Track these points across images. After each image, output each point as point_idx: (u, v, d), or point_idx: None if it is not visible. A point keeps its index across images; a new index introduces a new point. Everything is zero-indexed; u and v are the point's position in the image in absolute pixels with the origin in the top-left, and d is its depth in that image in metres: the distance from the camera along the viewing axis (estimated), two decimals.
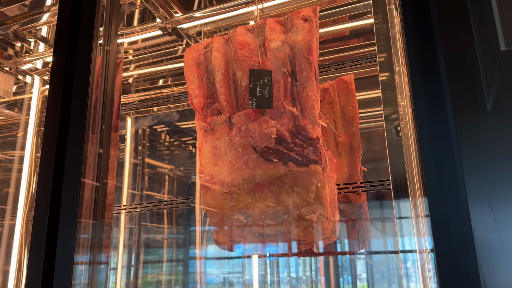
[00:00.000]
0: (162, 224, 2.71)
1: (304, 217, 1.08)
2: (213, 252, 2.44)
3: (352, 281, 2.07)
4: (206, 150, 1.19)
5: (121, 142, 2.54)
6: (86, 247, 1.10)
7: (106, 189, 1.21)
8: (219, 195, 1.17)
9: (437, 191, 0.79)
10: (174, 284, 2.58)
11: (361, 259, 2.04)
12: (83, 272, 1.06)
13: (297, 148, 1.09)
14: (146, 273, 2.52)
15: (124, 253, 2.27)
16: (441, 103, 0.83)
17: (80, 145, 1.15)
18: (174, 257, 2.65)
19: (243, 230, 1.15)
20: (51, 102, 1.21)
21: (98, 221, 1.16)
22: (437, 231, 0.76)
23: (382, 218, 1.98)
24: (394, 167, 1.06)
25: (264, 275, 1.84)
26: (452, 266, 0.73)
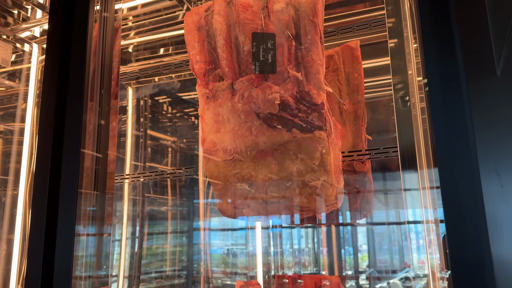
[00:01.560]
0: (166, 195, 2.72)
1: (308, 183, 1.06)
2: (217, 224, 2.46)
3: (353, 252, 2.09)
4: (208, 117, 1.17)
5: (122, 114, 2.51)
6: (88, 217, 1.09)
7: (107, 157, 1.20)
8: (222, 162, 1.16)
9: (448, 158, 0.76)
10: (179, 255, 2.62)
11: (365, 226, 2.04)
12: (85, 243, 1.06)
13: (301, 114, 1.07)
14: (151, 244, 2.55)
15: (128, 225, 2.28)
16: (454, 68, 0.79)
17: (79, 113, 1.12)
18: (178, 228, 2.68)
19: (247, 197, 1.13)
20: (48, 69, 1.18)
21: (100, 190, 1.15)
22: (447, 199, 0.74)
23: (386, 190, 1.97)
24: (402, 136, 1.04)
25: (267, 247, 1.85)
26: (462, 236, 0.71)
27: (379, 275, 2.05)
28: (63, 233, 1.01)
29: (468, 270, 0.69)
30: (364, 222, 2.13)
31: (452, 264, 0.69)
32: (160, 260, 2.57)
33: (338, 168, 1.13)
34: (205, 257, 2.09)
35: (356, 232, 2.12)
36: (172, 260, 2.59)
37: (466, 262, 0.69)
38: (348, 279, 1.99)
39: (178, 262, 2.61)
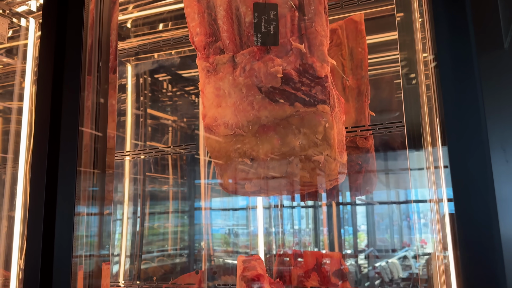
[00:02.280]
0: (167, 174, 2.71)
1: (311, 158, 1.04)
2: (218, 204, 2.45)
3: (352, 232, 2.09)
4: (209, 91, 1.14)
5: (122, 92, 2.48)
6: (88, 194, 1.08)
7: (106, 133, 1.18)
8: (223, 137, 1.14)
9: (457, 132, 0.74)
10: (181, 235, 2.62)
11: (365, 205, 2.04)
12: (86, 221, 1.05)
13: (305, 87, 1.04)
14: (152, 223, 2.56)
15: (130, 205, 2.28)
16: (465, 41, 0.76)
17: (77, 88, 1.10)
18: (180, 208, 2.68)
19: (248, 172, 1.12)
20: (44, 43, 1.15)
21: (100, 166, 1.14)
22: (456, 175, 0.72)
23: (387, 170, 1.95)
24: (409, 113, 1.01)
25: (268, 227, 1.85)
26: (471, 214, 0.69)
27: (378, 254, 2.06)
28: (63, 211, 1.00)
29: (476, 248, 0.67)
30: (366, 199, 2.12)
31: (461, 242, 0.68)
32: (161, 239, 2.58)
33: (342, 142, 1.11)
34: (206, 237, 2.09)
35: (356, 211, 2.12)
36: (173, 239, 2.61)
37: (474, 240, 0.67)
38: (348, 258, 2.00)
39: (179, 241, 2.62)
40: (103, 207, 1.13)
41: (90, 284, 1.02)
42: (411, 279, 2.02)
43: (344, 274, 1.47)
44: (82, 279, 1.01)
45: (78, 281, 0.99)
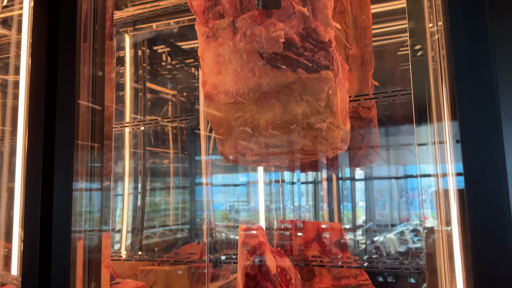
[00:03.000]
0: (168, 149, 2.70)
1: (314, 126, 1.02)
2: (219, 180, 2.45)
3: (351, 208, 2.10)
4: (209, 58, 1.11)
5: (120, 65, 2.44)
6: (86, 164, 1.06)
7: (103, 100, 1.15)
8: (223, 105, 1.11)
9: (470, 103, 0.71)
10: (182, 210, 2.63)
11: (364, 181, 2.03)
12: (84, 193, 1.04)
13: (307, 53, 1.01)
14: (153, 198, 2.56)
15: (130, 180, 2.27)
16: (478, 6, 0.73)
17: (72, 55, 1.06)
18: (181, 183, 2.67)
19: (250, 141, 1.10)
20: (37, 9, 1.10)
21: (98, 136, 1.11)
22: (466, 148, 0.69)
23: (388, 146, 1.93)
24: (416, 86, 0.97)
25: (269, 204, 1.85)
26: (482, 189, 0.67)
27: (377, 228, 2.06)
28: (61, 183, 0.98)
29: (487, 222, 0.65)
30: (366, 175, 2.11)
31: (471, 217, 0.66)
32: (163, 215, 2.59)
33: (345, 110, 1.08)
34: (207, 212, 2.09)
35: (355, 187, 2.11)
36: (175, 214, 2.61)
37: (485, 215, 0.65)
38: (347, 232, 2.00)
39: (181, 217, 2.63)
40: (102, 177, 1.12)
41: (90, 254, 1.02)
42: (409, 253, 2.04)
43: (344, 245, 1.48)
44: (82, 248, 1.00)
45: (78, 251, 0.99)
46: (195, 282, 1.55)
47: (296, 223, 1.46)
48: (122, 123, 1.54)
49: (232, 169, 2.41)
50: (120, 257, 1.63)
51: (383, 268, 1.55)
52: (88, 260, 1.00)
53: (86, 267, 0.99)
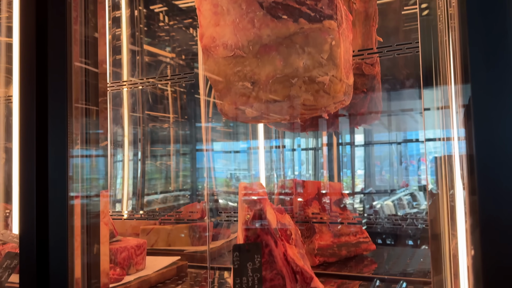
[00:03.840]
0: (167, 113, 2.66)
1: (316, 79, 0.99)
2: (220, 146, 2.42)
3: (351, 174, 2.09)
4: (206, 8, 1.06)
5: (116, 27, 2.37)
6: (81, 122, 1.03)
7: (96, 55, 1.11)
8: (222, 59, 1.07)
9: (483, 66, 0.66)
10: (182, 177, 2.62)
11: (363, 146, 2.01)
12: (80, 152, 1.01)
13: (310, 1, 0.96)
14: (153, 164, 2.54)
15: (130, 145, 2.25)
16: None
17: (63, 11, 1.01)
18: (181, 149, 2.66)
19: (249, 97, 1.07)
20: None
21: (92, 94, 1.08)
22: (478, 112, 0.65)
23: (390, 112, 1.90)
24: (424, 46, 0.92)
25: (269, 171, 1.83)
26: (493, 155, 0.64)
27: (377, 194, 2.06)
28: (55, 143, 0.95)
29: (497, 191, 0.62)
30: (366, 140, 2.09)
31: (481, 184, 0.63)
32: (163, 181, 2.58)
33: (348, 62, 1.05)
34: (208, 174, 2.08)
35: (354, 156, 2.09)
36: (175, 179, 2.61)
37: (495, 183, 0.62)
38: (346, 203, 2.00)
39: (182, 182, 2.63)
40: (98, 136, 1.09)
41: (88, 211, 1.01)
42: (408, 216, 2.05)
43: (345, 204, 1.47)
44: (80, 206, 0.99)
45: (75, 209, 0.98)
46: (196, 240, 1.56)
47: (296, 182, 1.45)
48: (119, 81, 1.50)
49: (232, 136, 2.39)
50: (121, 216, 1.64)
51: (383, 225, 1.56)
52: (86, 217, 0.99)
53: (85, 224, 0.98)
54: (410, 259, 1.47)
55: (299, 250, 1.04)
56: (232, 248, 0.92)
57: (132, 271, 1.20)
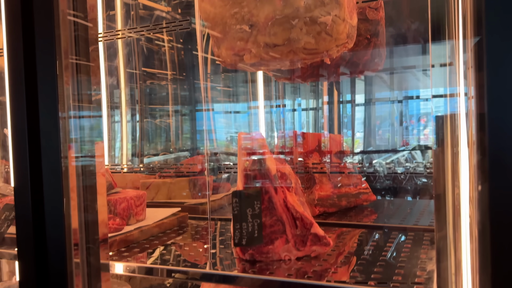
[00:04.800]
0: (165, 70, 2.60)
1: (317, 20, 0.94)
2: (219, 107, 2.38)
3: (351, 134, 2.06)
4: None
5: None
6: (71, 69, 0.98)
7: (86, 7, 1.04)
8: (218, 1, 1.02)
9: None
10: (182, 137, 2.59)
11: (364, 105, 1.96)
12: (72, 107, 0.97)
13: None
14: (153, 122, 2.51)
15: (128, 113, 2.21)
16: None
17: None
18: (180, 108, 2.61)
19: (247, 41, 1.02)
20: None
21: (81, 42, 1.02)
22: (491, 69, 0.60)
23: (392, 69, 1.84)
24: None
25: (270, 132, 1.80)
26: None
27: (378, 153, 2.04)
28: (45, 95, 0.91)
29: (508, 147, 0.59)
30: (367, 98, 2.05)
31: (491, 141, 0.59)
32: (163, 143, 2.56)
33: (352, 1, 0.99)
34: (208, 135, 2.05)
35: (355, 116, 2.05)
36: (175, 138, 2.58)
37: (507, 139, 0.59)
38: (346, 156, 1.98)
39: (181, 144, 2.60)
40: (90, 84, 1.05)
41: (83, 161, 0.98)
42: (407, 174, 2.04)
43: (345, 154, 1.46)
44: (74, 158, 0.97)
45: (70, 159, 0.95)
46: (196, 193, 1.56)
47: (296, 133, 1.43)
48: (112, 31, 1.44)
49: (232, 95, 2.34)
50: (121, 169, 1.63)
51: (383, 181, 1.55)
52: (82, 167, 0.97)
53: (80, 173, 0.96)
54: (410, 209, 1.48)
55: (299, 198, 1.03)
56: (231, 194, 0.91)
57: (132, 222, 1.20)
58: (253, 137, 1.02)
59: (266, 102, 1.70)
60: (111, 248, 1.05)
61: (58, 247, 0.88)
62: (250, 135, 1.06)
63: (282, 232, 0.95)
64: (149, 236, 1.19)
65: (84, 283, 0.92)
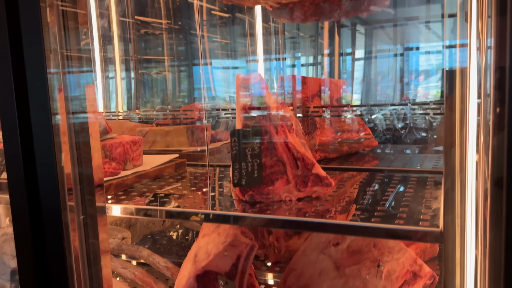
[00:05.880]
0: (159, 18, 2.49)
1: None
2: (218, 64, 2.29)
3: (351, 90, 1.99)
4: None
5: None
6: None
7: None
8: None
9: None
10: (180, 89, 2.52)
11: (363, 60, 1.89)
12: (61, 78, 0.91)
13: None
14: (148, 74, 2.43)
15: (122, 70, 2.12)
16: None
17: None
18: (176, 61, 2.52)
19: None
20: None
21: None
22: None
23: (395, 20, 1.74)
24: None
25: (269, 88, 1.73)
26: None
27: (377, 107, 1.99)
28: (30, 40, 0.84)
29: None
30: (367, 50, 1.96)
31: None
32: (160, 95, 2.49)
33: None
34: (206, 86, 1.99)
35: (354, 68, 1.98)
36: (172, 93, 2.51)
37: None
38: (346, 111, 1.94)
39: (178, 95, 2.53)
40: (78, 27, 0.98)
41: (73, 104, 0.93)
42: (407, 127, 2.00)
43: (347, 100, 1.41)
44: (64, 98, 0.91)
45: (59, 101, 0.90)
46: (195, 141, 1.52)
47: (296, 77, 1.37)
48: None
49: (230, 50, 2.25)
50: (116, 116, 1.59)
51: (383, 132, 1.52)
52: (72, 110, 0.92)
53: (71, 114, 0.91)
54: (412, 155, 1.45)
55: (300, 139, 1.00)
56: (230, 134, 0.87)
57: (129, 167, 1.18)
58: (251, 77, 0.97)
59: (265, 56, 1.63)
60: (108, 192, 1.03)
61: (50, 188, 0.85)
62: (249, 75, 1.01)
63: (282, 173, 0.92)
64: (147, 181, 1.17)
65: (80, 226, 0.91)
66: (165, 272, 1.31)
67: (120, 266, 1.26)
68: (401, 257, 0.88)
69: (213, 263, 0.95)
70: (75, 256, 0.89)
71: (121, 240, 1.36)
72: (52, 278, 0.87)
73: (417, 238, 0.71)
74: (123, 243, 1.36)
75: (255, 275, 1.23)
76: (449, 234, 0.69)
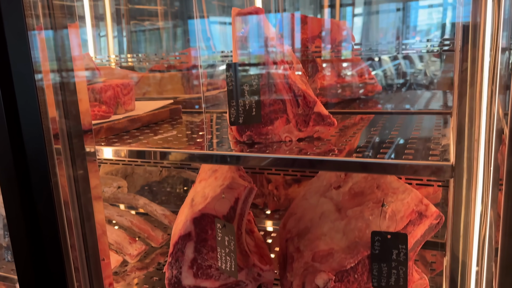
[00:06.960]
0: None
1: None
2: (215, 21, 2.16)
3: (351, 48, 1.89)
4: None
5: None
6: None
7: None
8: None
9: None
10: (172, 44, 2.39)
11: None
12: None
13: None
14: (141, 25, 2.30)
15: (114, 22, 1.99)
16: None
17: None
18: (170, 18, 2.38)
19: None
20: None
21: None
22: None
23: None
24: None
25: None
26: None
27: (379, 61, 1.89)
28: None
29: None
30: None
31: None
32: (153, 46, 2.37)
33: None
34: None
35: (353, 32, 1.87)
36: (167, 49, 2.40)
37: None
38: (348, 69, 1.84)
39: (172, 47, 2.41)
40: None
41: (58, 50, 0.86)
42: (407, 81, 1.92)
43: (350, 40, 1.33)
44: (44, 42, 0.84)
45: (40, 41, 0.83)
46: (190, 89, 1.46)
47: (296, 17, 1.28)
48: None
49: (227, 6, 2.11)
50: (107, 61, 1.51)
51: (387, 80, 1.44)
52: (54, 42, 0.85)
53: (53, 52, 0.84)
54: (418, 98, 1.39)
55: (301, 77, 0.93)
56: (226, 67, 0.81)
57: (120, 111, 1.12)
58: (249, 9, 0.89)
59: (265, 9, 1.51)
60: (98, 135, 0.98)
61: (33, 129, 0.80)
62: (246, 9, 0.93)
63: (282, 112, 0.86)
64: (140, 126, 1.11)
65: (68, 170, 0.86)
66: (163, 220, 1.28)
67: (117, 214, 1.24)
68: (406, 197, 0.84)
69: (210, 206, 0.91)
70: (64, 201, 0.85)
71: (116, 189, 1.32)
72: (42, 221, 0.84)
73: (427, 173, 0.67)
74: (119, 191, 1.33)
75: (255, 222, 1.21)
76: (460, 169, 0.65)
